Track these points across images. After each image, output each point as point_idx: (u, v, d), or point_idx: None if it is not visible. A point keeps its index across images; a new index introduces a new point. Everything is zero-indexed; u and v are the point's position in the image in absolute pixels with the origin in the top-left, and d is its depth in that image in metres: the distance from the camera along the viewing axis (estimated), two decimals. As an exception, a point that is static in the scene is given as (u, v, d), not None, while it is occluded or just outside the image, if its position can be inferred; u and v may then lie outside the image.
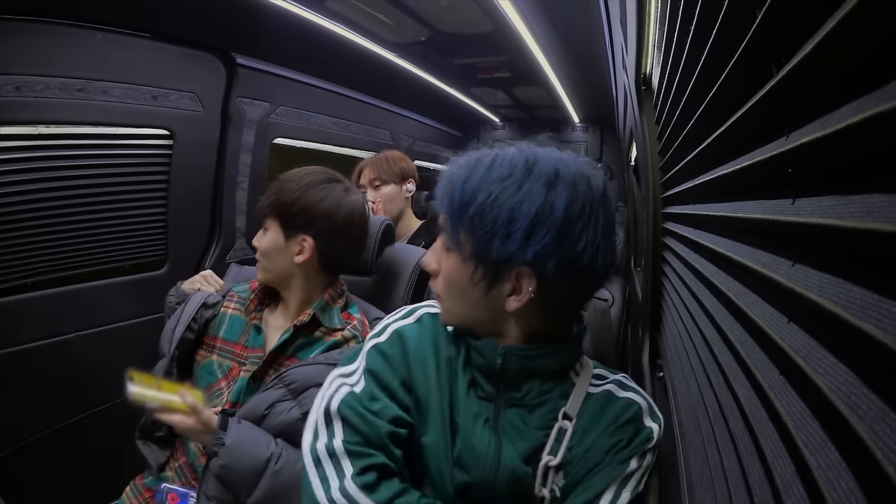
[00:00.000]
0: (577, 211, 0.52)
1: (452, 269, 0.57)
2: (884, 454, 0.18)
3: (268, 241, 0.92)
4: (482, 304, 0.57)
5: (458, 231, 0.55)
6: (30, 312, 1.17)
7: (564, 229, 0.51)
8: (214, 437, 0.78)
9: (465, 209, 0.53)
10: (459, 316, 0.60)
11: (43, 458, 1.21)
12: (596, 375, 0.63)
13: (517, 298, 0.55)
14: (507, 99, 2.83)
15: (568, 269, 0.53)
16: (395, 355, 0.63)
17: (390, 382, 0.61)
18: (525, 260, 0.52)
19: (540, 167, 0.53)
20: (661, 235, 0.96)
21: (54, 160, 1.16)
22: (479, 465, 0.58)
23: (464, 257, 0.55)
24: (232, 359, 0.93)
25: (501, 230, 0.52)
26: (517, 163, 0.54)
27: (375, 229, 1.19)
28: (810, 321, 0.27)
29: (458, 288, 0.58)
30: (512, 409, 0.60)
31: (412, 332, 0.65)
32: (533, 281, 0.53)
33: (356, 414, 0.59)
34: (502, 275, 0.54)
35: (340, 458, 0.57)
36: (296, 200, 0.90)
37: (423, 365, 0.62)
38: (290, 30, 1.45)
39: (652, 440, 0.57)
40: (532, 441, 0.58)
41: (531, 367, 0.59)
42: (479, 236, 0.53)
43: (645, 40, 0.93)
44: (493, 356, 0.58)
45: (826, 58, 0.24)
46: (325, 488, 0.55)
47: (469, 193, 0.53)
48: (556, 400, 0.59)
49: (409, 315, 0.68)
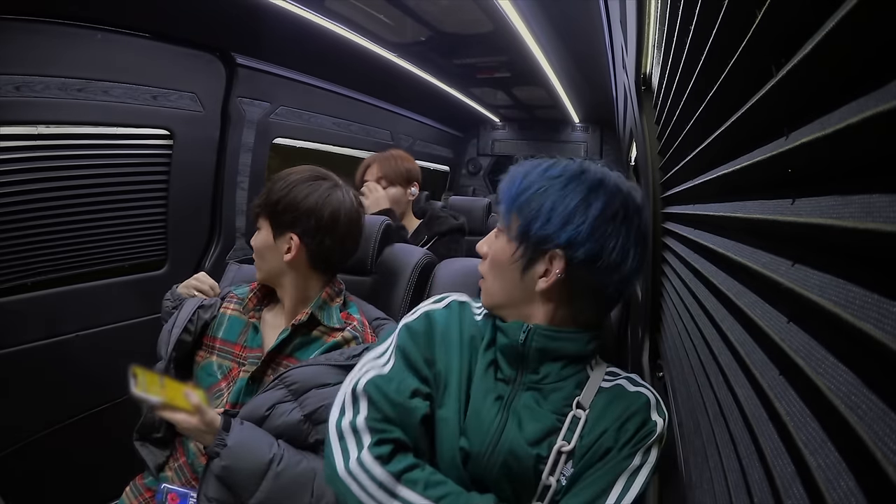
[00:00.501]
0: (610, 213, 0.60)
1: (499, 249, 0.66)
2: (883, 454, 0.18)
3: (260, 240, 0.93)
4: (517, 283, 0.64)
5: (510, 214, 0.64)
6: (30, 312, 1.17)
7: (597, 224, 0.60)
8: (217, 438, 0.78)
9: (519, 196, 0.63)
10: (497, 294, 0.67)
11: (43, 458, 1.21)
12: (609, 373, 0.66)
13: (546, 279, 0.62)
14: (507, 99, 2.83)
15: (595, 261, 0.60)
16: (421, 333, 0.69)
17: (414, 357, 0.67)
18: (558, 242, 0.60)
19: (588, 175, 0.63)
20: (661, 235, 0.96)
21: (54, 160, 1.15)
22: (479, 436, 0.61)
23: (510, 237, 0.64)
24: (231, 359, 0.93)
25: (544, 215, 0.61)
26: (571, 168, 0.64)
27: (375, 229, 1.19)
28: (810, 321, 0.27)
29: (500, 266, 0.66)
30: (528, 391, 0.63)
31: (440, 315, 0.71)
32: (562, 263, 0.61)
33: (380, 392, 0.64)
34: (537, 256, 0.62)
35: (361, 433, 0.62)
36: (282, 198, 0.91)
37: (447, 343, 0.68)
38: (290, 30, 1.45)
39: (655, 433, 0.59)
40: (545, 423, 0.61)
41: (552, 347, 0.63)
42: (525, 218, 0.62)
43: (645, 40, 0.93)
44: (516, 333, 0.63)
45: (826, 58, 0.24)
46: (344, 459, 0.61)
47: (525, 184, 0.64)
48: (572, 388, 0.63)
49: (440, 301, 0.74)
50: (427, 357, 0.67)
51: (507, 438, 0.60)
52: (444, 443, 0.63)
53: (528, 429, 0.61)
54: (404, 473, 0.59)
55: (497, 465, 0.60)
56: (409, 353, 0.67)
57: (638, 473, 0.58)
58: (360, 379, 0.66)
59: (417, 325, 0.70)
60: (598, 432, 0.60)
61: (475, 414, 0.62)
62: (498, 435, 0.61)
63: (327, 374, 0.84)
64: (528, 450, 0.60)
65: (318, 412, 0.80)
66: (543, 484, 0.59)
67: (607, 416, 0.61)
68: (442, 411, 0.64)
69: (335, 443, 0.62)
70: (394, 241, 1.27)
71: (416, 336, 0.69)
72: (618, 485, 0.57)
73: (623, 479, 0.57)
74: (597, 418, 0.61)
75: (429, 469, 0.61)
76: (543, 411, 0.62)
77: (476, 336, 0.69)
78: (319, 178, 0.94)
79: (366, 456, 0.60)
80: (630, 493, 0.57)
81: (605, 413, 0.61)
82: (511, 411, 0.62)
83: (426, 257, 1.21)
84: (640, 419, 0.60)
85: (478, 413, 0.62)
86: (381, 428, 0.62)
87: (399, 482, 0.58)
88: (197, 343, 0.95)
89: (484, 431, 0.61)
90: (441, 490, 0.59)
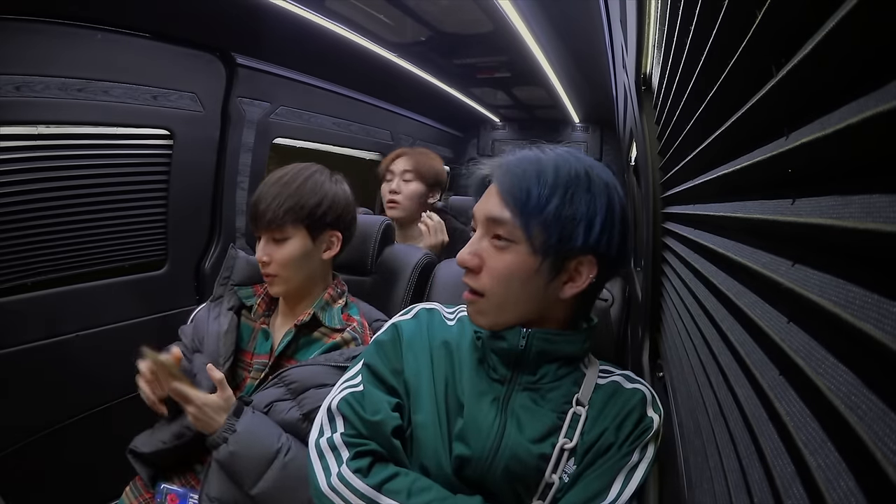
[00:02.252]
0: (624, 208, 0.61)
1: (515, 262, 0.60)
2: (883, 454, 0.18)
3: (293, 249, 0.88)
4: (538, 294, 0.61)
5: (533, 225, 0.58)
6: (30, 312, 1.16)
7: (621, 223, 0.60)
8: (226, 423, 0.78)
9: (545, 204, 0.58)
10: (510, 311, 0.62)
11: (43, 458, 1.21)
12: (602, 370, 0.66)
13: (574, 285, 0.60)
14: (507, 99, 2.82)
15: (620, 256, 0.61)
16: (388, 343, 0.69)
17: (381, 370, 0.67)
18: (598, 248, 0.59)
19: (595, 172, 0.61)
20: (661, 235, 0.95)
21: (54, 160, 1.15)
22: (480, 441, 0.60)
23: (534, 249, 0.59)
24: (243, 367, 0.93)
25: (583, 222, 0.58)
26: (578, 167, 0.60)
27: (375, 229, 1.19)
28: (810, 321, 0.27)
29: (520, 280, 0.60)
30: (525, 392, 0.63)
31: (406, 324, 0.71)
32: (594, 268, 0.60)
33: (351, 409, 0.64)
34: (564, 265, 0.60)
35: (340, 449, 0.62)
36: (321, 201, 0.90)
37: (413, 350, 0.67)
38: (290, 30, 1.45)
39: (651, 429, 0.60)
40: (545, 422, 0.61)
41: (551, 350, 0.62)
42: (558, 229, 0.58)
43: (645, 40, 0.93)
44: (515, 338, 0.62)
45: (826, 58, 0.24)
46: (326, 476, 0.61)
47: (548, 190, 0.58)
48: (569, 386, 0.63)
49: (407, 312, 0.74)
50: (395, 367, 0.67)
51: (508, 441, 0.60)
52: (425, 448, 0.62)
53: (529, 429, 0.60)
54: (385, 484, 0.58)
55: (500, 469, 0.59)
56: (375, 367, 0.67)
57: (636, 470, 0.58)
58: (335, 398, 0.67)
59: (385, 337, 0.70)
60: (599, 429, 0.60)
61: (472, 419, 0.61)
62: (498, 439, 0.60)
63: (326, 375, 0.84)
64: (530, 450, 0.59)
65: (316, 412, 0.81)
66: (546, 482, 0.59)
67: (607, 413, 0.61)
68: (418, 417, 0.64)
69: (316, 461, 0.62)
70: (391, 241, 1.27)
71: (383, 348, 0.69)
72: (617, 481, 0.57)
73: (622, 476, 0.58)
74: (597, 415, 0.61)
75: (413, 475, 0.60)
76: (543, 410, 0.61)
77: (451, 340, 0.67)
78: (316, 171, 0.94)
79: (345, 470, 0.60)
80: (628, 490, 0.57)
81: (604, 410, 0.61)
82: (509, 413, 0.61)
83: (426, 257, 1.22)
84: (637, 416, 0.60)
85: (474, 418, 0.61)
86: (357, 442, 0.62)
87: (381, 493, 0.58)
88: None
89: (484, 436, 0.60)
90: (425, 497, 0.58)
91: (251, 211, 0.90)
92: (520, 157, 0.63)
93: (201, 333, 0.92)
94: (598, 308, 0.95)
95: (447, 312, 0.74)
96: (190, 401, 0.77)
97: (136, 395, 0.85)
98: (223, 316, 0.92)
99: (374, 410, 0.63)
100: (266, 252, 0.89)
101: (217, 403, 0.78)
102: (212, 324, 0.92)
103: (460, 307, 0.75)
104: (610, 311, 1.01)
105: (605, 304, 0.98)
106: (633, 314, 1.26)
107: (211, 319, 0.92)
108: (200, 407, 0.77)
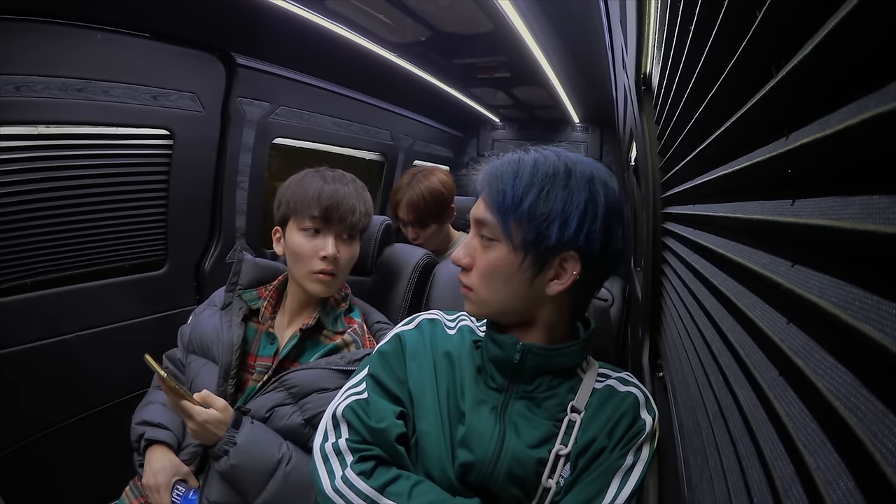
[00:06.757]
0: (612, 203, 0.60)
1: (498, 259, 0.61)
2: (883, 455, 0.18)
3: (357, 250, 0.95)
4: (524, 292, 0.61)
5: (510, 223, 0.60)
6: (30, 312, 1.17)
7: (606, 218, 0.59)
8: (226, 435, 0.78)
9: (519, 203, 0.59)
10: (495, 305, 0.64)
11: (43, 458, 1.21)
12: (601, 374, 0.67)
13: (560, 282, 0.61)
14: (507, 99, 2.82)
15: (607, 253, 0.60)
16: (391, 354, 0.70)
17: (385, 380, 0.68)
18: (577, 244, 0.58)
19: (578, 168, 0.60)
20: (661, 235, 0.95)
21: (54, 160, 1.15)
22: (482, 447, 0.61)
23: (514, 247, 0.60)
24: (245, 370, 0.92)
25: (558, 220, 0.58)
26: (558, 164, 0.60)
27: (375, 229, 1.19)
28: (810, 322, 0.27)
29: (503, 277, 0.62)
30: (521, 400, 0.64)
31: (409, 335, 0.72)
32: (578, 265, 0.59)
33: (356, 417, 0.65)
34: (548, 261, 0.60)
35: (344, 454, 0.64)
36: (370, 209, 0.98)
37: (416, 359, 0.68)
38: (290, 30, 1.45)
39: (644, 431, 0.60)
40: (541, 430, 0.62)
41: (546, 364, 0.63)
42: (534, 226, 0.58)
43: (645, 40, 0.93)
44: (511, 351, 0.62)
45: (826, 58, 0.24)
46: (330, 478, 0.62)
47: (522, 189, 0.59)
48: (564, 394, 0.64)
49: (410, 322, 0.75)
50: (399, 377, 0.68)
51: (508, 446, 0.61)
52: (429, 456, 0.64)
53: (527, 436, 0.61)
54: (387, 486, 0.60)
55: (503, 472, 0.60)
56: (380, 377, 0.68)
57: (631, 472, 0.59)
58: (340, 405, 0.69)
59: (388, 347, 0.72)
60: (591, 434, 0.61)
61: (473, 427, 0.63)
62: (500, 445, 0.61)
63: (327, 379, 0.84)
64: (530, 454, 0.60)
65: (318, 417, 0.81)
66: (543, 487, 0.59)
67: (599, 418, 0.61)
68: (422, 425, 0.65)
69: (320, 465, 0.64)
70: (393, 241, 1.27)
71: (386, 358, 0.70)
72: (612, 485, 0.58)
73: (618, 479, 0.58)
74: (589, 421, 0.62)
75: (414, 478, 0.62)
76: (538, 419, 0.62)
77: (452, 351, 0.69)
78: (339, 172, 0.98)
79: (350, 473, 0.61)
80: (624, 492, 0.57)
81: (597, 415, 0.62)
82: (507, 420, 0.62)
83: (426, 257, 1.21)
84: (629, 419, 0.61)
85: (475, 425, 0.63)
86: (361, 447, 0.64)
87: (383, 495, 0.60)
88: None
89: (486, 442, 0.61)
90: (425, 498, 0.59)
91: (324, 205, 0.88)
92: (503, 160, 0.64)
93: (207, 340, 0.91)
94: (598, 308, 0.95)
95: (448, 321, 0.75)
96: (192, 417, 0.77)
97: (136, 395, 0.85)
98: (236, 327, 0.91)
99: (378, 418, 0.64)
100: (338, 250, 0.90)
101: (217, 418, 0.78)
102: (224, 334, 0.90)
103: (461, 314, 0.76)
104: (610, 311, 1.01)
105: (605, 304, 0.98)
106: (633, 314, 1.26)
107: (224, 329, 0.90)
108: (202, 424, 0.78)
